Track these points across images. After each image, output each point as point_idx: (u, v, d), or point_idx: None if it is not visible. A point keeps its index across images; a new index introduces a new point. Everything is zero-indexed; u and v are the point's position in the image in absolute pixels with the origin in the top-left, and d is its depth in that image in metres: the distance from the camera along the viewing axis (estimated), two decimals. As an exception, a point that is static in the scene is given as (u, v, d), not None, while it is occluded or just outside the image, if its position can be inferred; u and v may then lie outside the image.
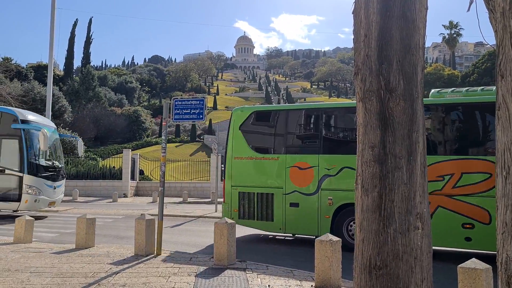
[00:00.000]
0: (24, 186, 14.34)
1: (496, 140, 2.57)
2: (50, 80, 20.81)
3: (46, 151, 15.75)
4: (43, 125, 15.80)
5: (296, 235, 11.44)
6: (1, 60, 52.44)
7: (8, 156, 14.73)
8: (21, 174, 14.39)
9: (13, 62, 57.65)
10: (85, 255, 8.41)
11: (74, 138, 18.74)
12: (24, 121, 14.95)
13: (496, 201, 2.52)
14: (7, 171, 14.53)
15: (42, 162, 15.37)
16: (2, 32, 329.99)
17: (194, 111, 8.75)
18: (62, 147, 34.09)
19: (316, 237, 9.76)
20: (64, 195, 27.02)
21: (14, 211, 15.05)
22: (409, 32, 3.56)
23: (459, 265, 4.74)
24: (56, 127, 17.07)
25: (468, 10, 3.09)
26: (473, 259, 4.86)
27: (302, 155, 10.55)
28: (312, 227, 10.09)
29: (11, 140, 14.78)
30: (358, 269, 3.52)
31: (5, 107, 19.22)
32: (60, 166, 16.49)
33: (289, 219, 10.35)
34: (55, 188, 15.71)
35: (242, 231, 11.55)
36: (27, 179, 14.39)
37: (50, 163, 15.86)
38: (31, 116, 15.90)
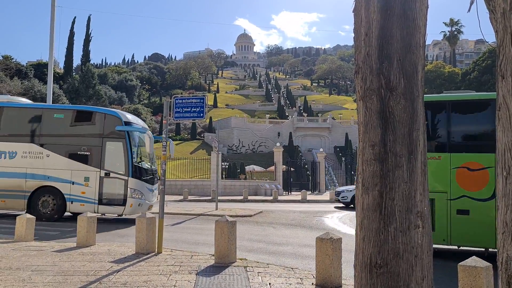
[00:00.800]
0: (129, 190, 13.91)
1: (496, 140, 2.58)
2: (50, 78, 20.82)
3: (149, 153, 15.35)
4: (141, 126, 15.42)
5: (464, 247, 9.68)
6: (1, 58, 52.38)
7: (113, 159, 14.26)
8: (126, 178, 13.95)
9: (13, 60, 57.64)
10: (86, 253, 8.43)
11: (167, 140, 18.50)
12: (127, 123, 14.53)
13: (497, 201, 2.54)
14: (112, 175, 14.11)
15: (144, 165, 15.00)
16: (2, 30, 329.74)
17: (195, 109, 8.76)
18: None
19: (487, 251, 8.99)
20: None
21: (119, 215, 14.55)
22: (410, 31, 3.56)
23: (460, 263, 4.75)
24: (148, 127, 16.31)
25: (469, 10, 3.10)
26: (474, 257, 4.88)
27: (473, 153, 9.08)
28: (486, 239, 8.61)
29: (115, 142, 14.29)
30: (358, 267, 3.53)
31: (108, 108, 18.34)
32: (155, 168, 15.94)
33: (456, 229, 8.95)
34: (153, 191, 15.29)
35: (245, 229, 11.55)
36: (132, 182, 13.98)
37: (149, 166, 15.44)
38: (130, 117, 15.42)
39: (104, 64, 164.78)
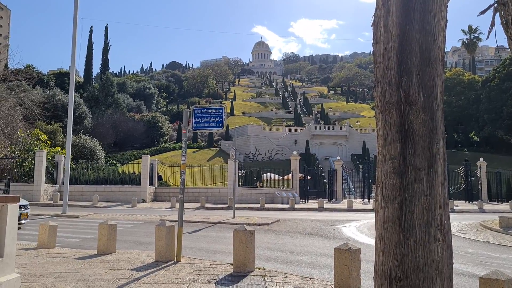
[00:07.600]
0: None
1: None
2: (72, 87, 21.26)
3: None
4: None
5: None
6: (24, 67, 53.61)
7: None
8: None
9: (35, 69, 58.99)
10: (107, 261, 8.57)
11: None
12: None
13: None
14: None
15: None
16: (25, 40, 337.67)
17: (214, 119, 8.87)
18: (81, 152, 34.37)
19: None
20: (84, 201, 27.54)
21: None
22: (429, 46, 3.60)
23: (480, 276, 4.71)
24: None
25: (487, 38, 3.14)
26: (496, 269, 4.83)
27: None
28: None
29: None
30: (378, 280, 3.55)
31: None
32: None
33: None
34: None
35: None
36: None
37: None
38: None
39: (122, 72, 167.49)
